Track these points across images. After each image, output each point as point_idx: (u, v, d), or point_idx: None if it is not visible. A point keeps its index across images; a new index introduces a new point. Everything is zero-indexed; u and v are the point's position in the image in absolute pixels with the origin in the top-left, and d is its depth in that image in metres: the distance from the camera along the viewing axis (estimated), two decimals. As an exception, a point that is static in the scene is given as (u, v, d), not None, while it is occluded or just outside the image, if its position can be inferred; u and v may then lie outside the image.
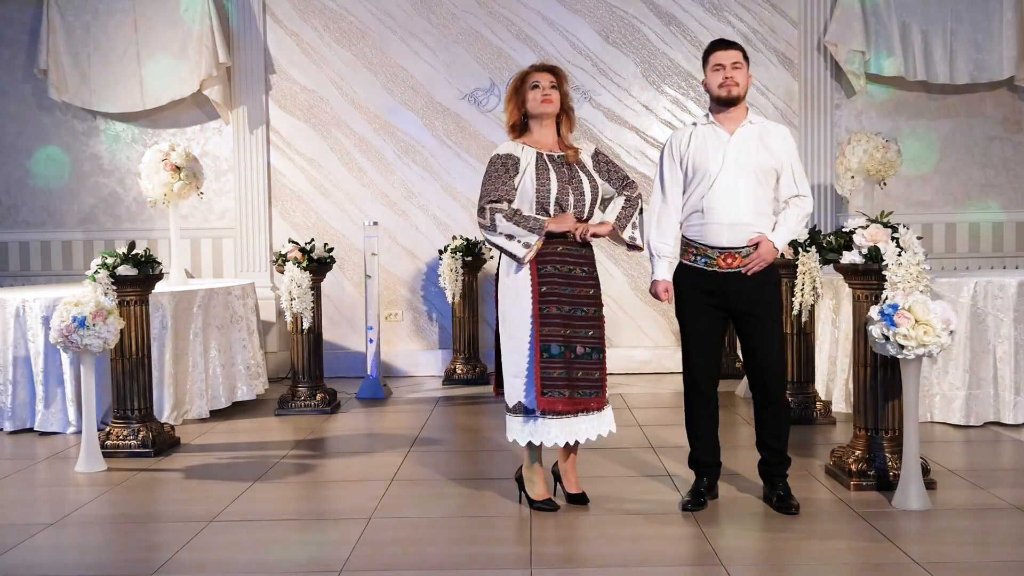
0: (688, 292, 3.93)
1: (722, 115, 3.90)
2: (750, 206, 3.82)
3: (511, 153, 3.89)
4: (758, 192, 3.84)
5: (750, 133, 3.88)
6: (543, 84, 3.89)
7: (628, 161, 7.60)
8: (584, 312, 3.89)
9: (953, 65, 7.33)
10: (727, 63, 3.86)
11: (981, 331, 5.41)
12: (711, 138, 3.89)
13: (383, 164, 7.68)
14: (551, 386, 3.79)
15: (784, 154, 3.89)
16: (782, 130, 3.96)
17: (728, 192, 3.81)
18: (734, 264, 3.83)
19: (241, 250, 7.70)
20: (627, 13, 7.57)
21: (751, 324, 3.89)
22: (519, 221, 3.80)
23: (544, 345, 3.79)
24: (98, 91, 7.52)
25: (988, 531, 3.68)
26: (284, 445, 5.30)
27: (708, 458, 4.03)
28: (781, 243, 3.87)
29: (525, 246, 3.79)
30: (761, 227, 3.85)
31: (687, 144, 3.93)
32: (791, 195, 3.92)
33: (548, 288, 3.82)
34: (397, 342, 7.71)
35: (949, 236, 7.65)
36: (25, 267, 7.84)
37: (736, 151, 3.84)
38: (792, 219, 3.90)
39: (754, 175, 3.83)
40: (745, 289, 3.84)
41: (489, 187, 3.87)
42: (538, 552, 3.48)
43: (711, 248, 3.85)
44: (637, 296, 7.60)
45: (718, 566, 3.31)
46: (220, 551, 3.58)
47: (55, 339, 4.70)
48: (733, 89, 3.84)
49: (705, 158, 3.86)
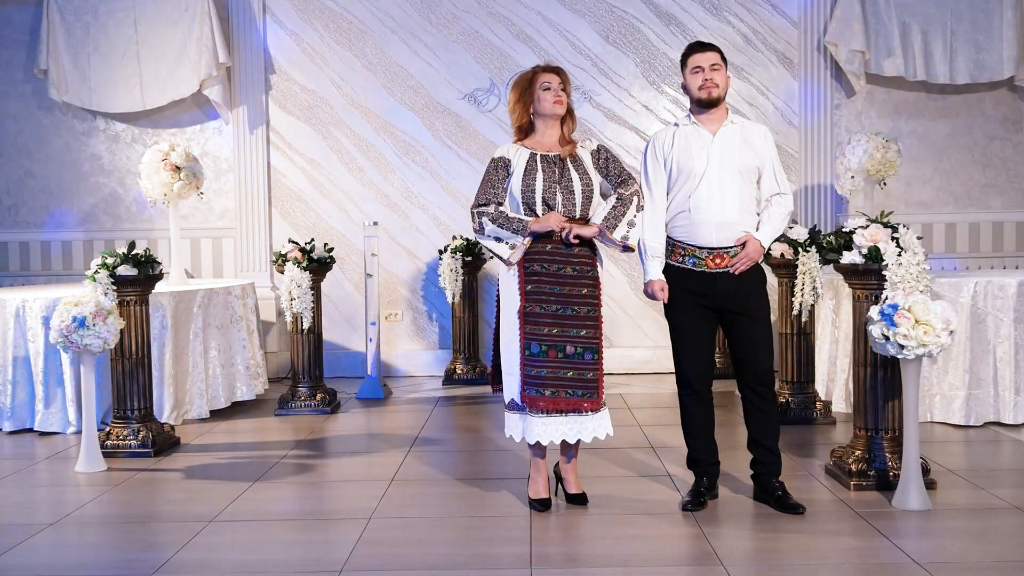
0: (677, 293, 3.94)
1: (703, 116, 3.94)
2: (736, 205, 3.86)
3: (503, 156, 3.96)
4: (743, 191, 3.88)
5: (732, 132, 3.92)
6: (554, 86, 3.90)
7: (628, 161, 7.59)
8: (575, 311, 3.87)
9: (953, 65, 7.33)
10: (706, 65, 3.90)
11: (981, 331, 5.41)
12: (694, 138, 3.92)
13: (383, 164, 7.68)
14: (532, 384, 3.84)
15: (766, 152, 3.94)
16: (762, 129, 4.01)
17: (714, 191, 3.85)
18: (722, 264, 3.86)
19: (241, 250, 7.70)
20: (627, 13, 7.57)
21: (741, 323, 3.91)
22: (503, 223, 3.86)
23: (526, 343, 3.84)
24: (98, 91, 7.52)
25: (988, 531, 3.68)
26: (284, 445, 5.30)
27: (706, 457, 4.04)
28: (767, 241, 3.91)
29: (511, 247, 3.85)
30: (747, 226, 3.89)
31: (670, 145, 3.95)
32: (772, 193, 3.96)
33: (533, 287, 3.85)
34: (397, 342, 7.71)
35: (949, 236, 7.65)
36: (25, 267, 7.84)
37: (720, 150, 3.88)
38: (776, 217, 3.94)
39: (739, 174, 3.88)
40: (734, 288, 3.87)
41: (479, 192, 3.95)
42: (538, 552, 3.48)
43: (699, 248, 3.87)
44: (637, 296, 7.60)
45: (718, 566, 3.31)
46: (220, 551, 3.58)
47: (55, 339, 4.70)
48: (713, 91, 3.89)
49: (689, 158, 3.89)
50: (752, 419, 4.00)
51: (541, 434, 3.85)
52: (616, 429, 5.46)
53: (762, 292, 4.00)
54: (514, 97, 3.96)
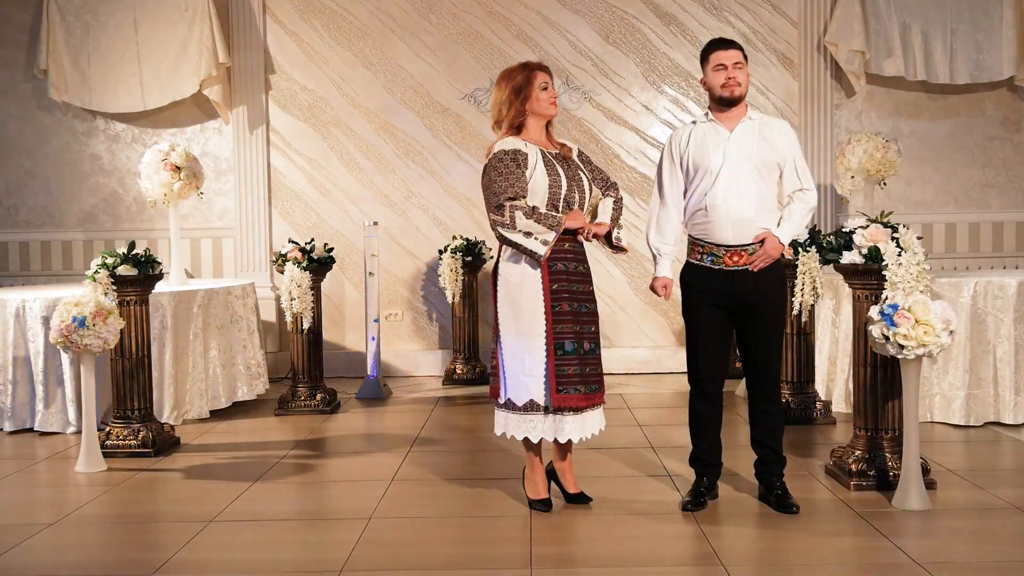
0: (695, 292, 3.92)
1: (723, 114, 3.89)
2: (753, 202, 3.80)
3: (518, 149, 3.82)
4: (761, 188, 3.82)
5: (751, 129, 3.86)
6: (551, 86, 3.89)
7: (628, 161, 7.60)
8: (587, 308, 3.91)
9: (953, 65, 7.33)
10: (729, 63, 3.84)
11: (981, 331, 5.41)
12: (711, 135, 3.87)
13: (383, 164, 7.68)
14: (567, 383, 3.81)
15: (786, 148, 3.87)
16: (783, 124, 3.94)
17: (731, 188, 3.80)
18: (741, 262, 3.81)
19: (241, 250, 7.71)
20: (627, 13, 7.57)
21: (754, 321, 3.88)
22: (539, 218, 3.76)
23: (558, 343, 3.80)
24: (98, 91, 7.52)
25: (988, 531, 3.67)
26: (284, 445, 5.30)
27: (709, 458, 4.03)
28: (787, 238, 3.85)
29: (543, 243, 3.76)
30: (766, 223, 3.83)
31: (686, 142, 3.92)
32: (794, 189, 3.90)
33: (559, 286, 3.83)
34: (397, 342, 7.71)
35: (949, 236, 7.65)
36: (25, 267, 7.84)
37: (737, 147, 3.83)
38: (797, 214, 3.87)
39: (756, 171, 3.81)
40: (752, 287, 3.83)
41: (504, 184, 3.78)
42: (538, 552, 3.48)
43: (717, 246, 3.83)
44: (637, 296, 7.60)
45: (718, 566, 3.31)
46: (220, 551, 3.58)
47: (55, 339, 4.70)
48: (736, 89, 3.83)
49: (705, 155, 3.85)
50: (757, 419, 3.99)
51: (572, 432, 3.84)
52: (616, 429, 5.49)
53: (780, 291, 3.97)
54: (508, 93, 3.87)
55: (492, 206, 3.81)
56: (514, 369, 3.86)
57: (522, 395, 3.85)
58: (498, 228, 3.81)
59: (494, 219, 3.81)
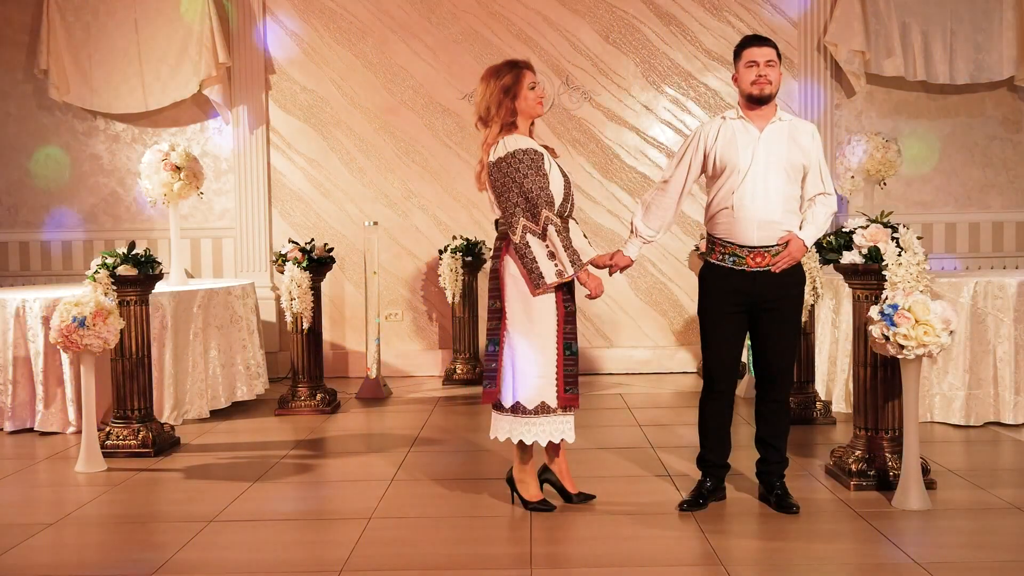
0: (714, 291, 3.91)
1: (753, 112, 3.86)
2: (780, 203, 3.78)
3: (536, 148, 3.76)
4: (787, 190, 3.80)
5: (780, 130, 3.84)
6: (538, 86, 3.86)
7: (628, 161, 7.60)
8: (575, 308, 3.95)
9: (953, 65, 7.33)
10: (761, 60, 3.82)
11: (981, 331, 5.41)
12: (741, 134, 3.84)
13: (383, 164, 7.68)
14: (572, 383, 3.83)
15: (813, 151, 3.85)
16: (810, 128, 3.92)
17: (758, 189, 3.77)
18: (763, 263, 3.80)
19: (241, 250, 7.71)
20: (627, 13, 7.57)
21: (771, 321, 3.87)
22: (567, 246, 3.70)
23: (566, 343, 3.81)
24: (99, 91, 7.52)
25: (988, 531, 3.68)
26: (284, 445, 5.30)
27: (715, 459, 4.01)
28: (810, 240, 3.84)
29: (558, 274, 3.70)
30: (789, 225, 3.81)
31: (715, 137, 3.87)
32: (817, 192, 3.88)
33: (566, 287, 3.86)
34: (397, 342, 7.71)
35: (949, 236, 7.65)
36: (25, 267, 7.84)
37: (767, 148, 3.80)
38: (820, 216, 3.86)
39: (784, 172, 3.79)
40: (772, 287, 3.81)
41: (538, 187, 3.68)
42: (537, 552, 3.48)
43: (740, 247, 3.81)
44: (637, 296, 7.60)
45: (718, 566, 3.31)
46: (220, 551, 3.58)
47: (55, 339, 4.70)
48: (766, 87, 3.81)
49: (734, 153, 3.81)
50: (765, 418, 3.99)
51: (568, 432, 3.87)
52: (616, 429, 5.49)
53: (798, 293, 3.95)
54: (497, 91, 3.78)
55: (526, 208, 3.69)
56: (526, 371, 3.79)
57: (534, 398, 3.80)
58: (527, 234, 3.69)
59: (527, 225, 3.69)
